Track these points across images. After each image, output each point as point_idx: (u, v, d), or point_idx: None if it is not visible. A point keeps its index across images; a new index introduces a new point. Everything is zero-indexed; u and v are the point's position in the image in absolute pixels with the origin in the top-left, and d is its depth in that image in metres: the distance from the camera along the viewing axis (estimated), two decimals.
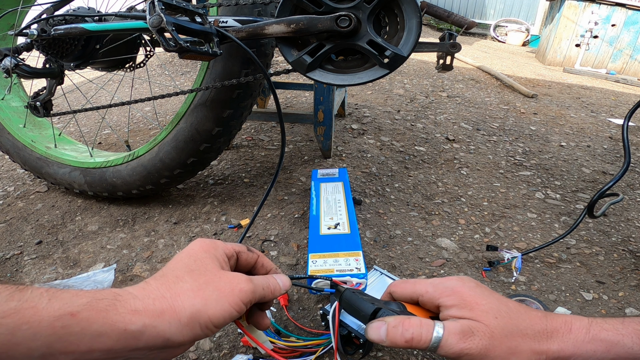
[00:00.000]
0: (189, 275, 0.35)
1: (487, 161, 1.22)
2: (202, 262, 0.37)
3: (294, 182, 1.02)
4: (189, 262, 0.37)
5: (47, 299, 0.28)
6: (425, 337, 0.34)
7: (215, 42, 0.62)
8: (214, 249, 0.39)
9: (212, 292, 0.34)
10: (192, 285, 0.34)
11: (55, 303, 0.28)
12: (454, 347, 0.33)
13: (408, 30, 0.61)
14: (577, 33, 3.60)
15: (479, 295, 0.36)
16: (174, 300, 0.32)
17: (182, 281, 0.34)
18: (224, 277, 0.36)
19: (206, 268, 0.36)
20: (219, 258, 0.38)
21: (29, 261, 0.74)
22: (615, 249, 0.81)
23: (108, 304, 0.30)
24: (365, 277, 0.58)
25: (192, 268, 0.36)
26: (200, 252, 0.38)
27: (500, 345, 0.33)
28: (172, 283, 0.34)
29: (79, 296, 0.29)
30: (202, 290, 0.34)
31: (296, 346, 0.52)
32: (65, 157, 0.92)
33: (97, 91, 1.78)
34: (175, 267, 0.36)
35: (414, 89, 2.01)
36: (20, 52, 0.74)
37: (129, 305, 0.31)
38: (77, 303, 0.29)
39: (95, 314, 0.29)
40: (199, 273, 0.35)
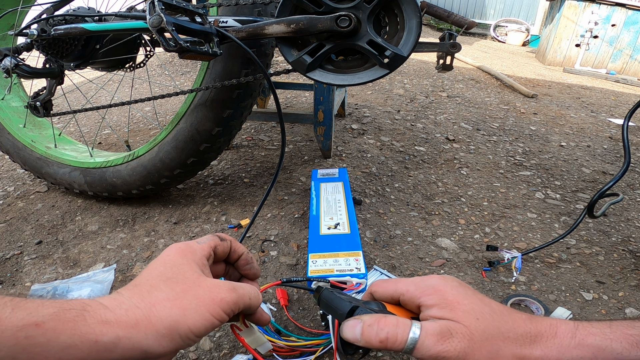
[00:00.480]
0: (165, 284, 0.33)
1: (487, 161, 1.22)
2: (179, 268, 0.35)
3: (294, 182, 1.02)
4: (164, 270, 0.35)
5: (10, 309, 0.27)
6: (401, 338, 0.32)
7: (215, 42, 0.62)
8: (192, 253, 0.37)
9: (191, 301, 0.32)
10: (169, 294, 0.32)
11: (19, 313, 0.27)
12: (431, 350, 0.31)
13: (408, 30, 0.61)
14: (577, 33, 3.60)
15: (461, 295, 0.35)
16: (149, 310, 0.31)
17: (157, 290, 0.32)
18: (203, 285, 0.34)
19: (184, 276, 0.34)
20: (197, 263, 0.36)
21: (29, 261, 0.74)
22: (615, 249, 0.81)
23: (76, 314, 0.28)
24: (365, 277, 0.58)
25: (169, 276, 0.34)
26: (177, 257, 0.36)
27: (480, 349, 0.31)
28: (146, 292, 0.32)
29: (45, 306, 0.28)
30: (180, 299, 0.32)
31: (296, 346, 0.52)
32: (65, 157, 0.92)
33: (97, 91, 1.78)
34: (150, 275, 0.34)
35: (414, 89, 2.01)
36: (20, 52, 0.74)
37: (98, 316, 0.29)
38: (42, 313, 0.27)
39: (62, 324, 0.27)
40: (175, 281, 0.33)
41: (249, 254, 0.44)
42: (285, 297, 0.63)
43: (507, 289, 0.68)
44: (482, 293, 0.67)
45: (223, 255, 0.42)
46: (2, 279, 0.70)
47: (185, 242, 0.38)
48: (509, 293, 0.67)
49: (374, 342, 0.33)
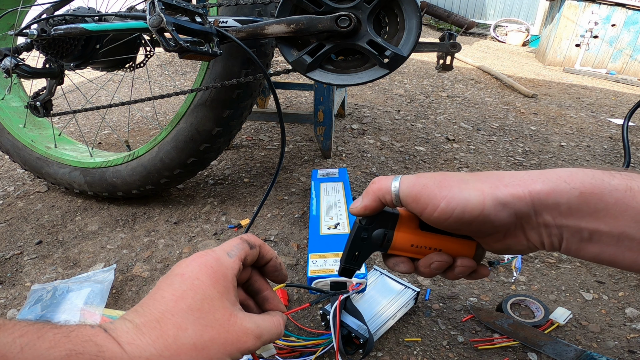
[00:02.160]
0: (193, 326, 0.30)
1: (487, 161, 1.22)
2: (210, 305, 0.31)
3: (294, 182, 1.02)
4: (193, 303, 0.31)
5: (19, 348, 0.25)
6: (386, 183, 0.36)
7: (215, 42, 0.62)
8: (224, 277, 0.33)
9: (218, 350, 0.30)
10: (197, 342, 0.30)
11: (28, 354, 0.25)
12: (413, 182, 0.34)
13: (408, 30, 0.61)
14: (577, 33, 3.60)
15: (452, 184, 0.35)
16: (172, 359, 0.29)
17: (184, 334, 0.29)
18: (232, 331, 0.31)
19: (215, 316, 0.31)
20: (229, 291, 0.33)
21: (29, 261, 0.74)
22: None
23: (89, 359, 0.27)
24: (365, 277, 0.58)
25: (198, 315, 0.30)
26: (208, 287, 0.32)
27: (453, 180, 0.33)
28: (173, 337, 0.29)
29: (57, 347, 0.26)
30: (207, 349, 0.30)
31: (296, 346, 0.52)
32: (65, 157, 0.92)
33: (97, 91, 1.78)
34: (176, 309, 0.30)
35: (414, 89, 2.01)
36: (20, 52, 0.74)
37: None
38: (53, 356, 0.26)
39: None
40: (205, 324, 0.30)
41: (278, 260, 0.42)
42: (285, 297, 0.63)
43: (507, 289, 0.68)
44: (482, 294, 0.67)
45: (251, 263, 0.39)
46: (2, 279, 0.70)
47: (214, 256, 0.34)
48: (509, 293, 0.67)
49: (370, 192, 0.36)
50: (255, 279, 0.41)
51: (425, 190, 0.34)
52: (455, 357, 0.55)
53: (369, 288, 0.61)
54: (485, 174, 0.34)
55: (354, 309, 0.53)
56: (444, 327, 0.60)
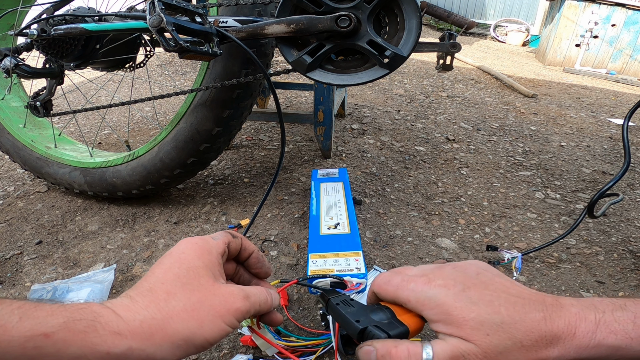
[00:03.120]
0: (182, 291, 0.32)
1: (487, 161, 1.22)
2: (195, 272, 0.34)
3: (294, 182, 1.02)
4: (179, 272, 0.33)
5: (17, 317, 0.26)
6: None
7: (215, 42, 0.62)
8: (208, 253, 0.36)
9: (208, 312, 0.32)
10: (186, 304, 0.31)
11: (27, 322, 0.26)
12: None
13: (408, 30, 0.61)
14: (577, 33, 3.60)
15: (466, 308, 0.32)
16: (165, 322, 0.30)
17: (174, 299, 0.31)
18: (218, 294, 0.33)
19: (200, 282, 0.33)
20: (213, 264, 0.35)
21: (29, 261, 0.74)
22: (615, 249, 0.81)
23: (87, 324, 0.28)
24: (365, 277, 0.58)
25: (184, 281, 0.33)
26: (193, 258, 0.34)
27: None
28: (163, 301, 0.31)
29: (55, 315, 0.27)
30: (197, 310, 0.32)
31: (296, 346, 0.52)
32: (65, 157, 0.92)
33: (97, 91, 1.78)
34: (165, 278, 0.33)
35: (414, 89, 2.01)
36: (20, 52, 0.74)
37: (110, 327, 0.28)
38: (51, 323, 0.26)
39: (72, 335, 0.27)
40: (191, 288, 0.33)
41: (259, 252, 0.44)
42: (285, 297, 0.63)
43: None
44: None
45: (235, 252, 0.41)
46: (2, 279, 0.70)
47: (200, 237, 0.37)
48: None
49: None
50: (242, 273, 0.44)
51: None
52: None
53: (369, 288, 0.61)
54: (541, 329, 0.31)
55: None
56: None
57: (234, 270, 0.43)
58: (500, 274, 0.36)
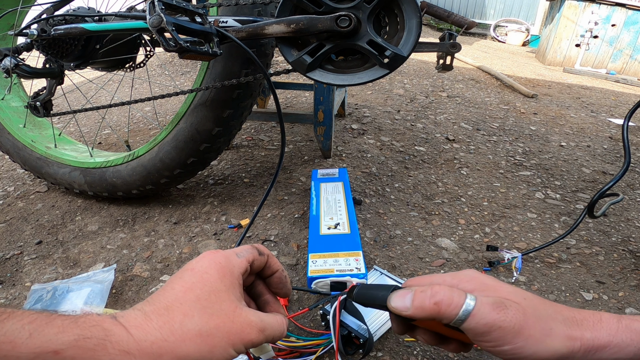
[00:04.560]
0: (200, 315, 0.31)
1: (487, 161, 1.22)
2: (216, 296, 0.32)
3: (294, 182, 1.02)
4: (201, 294, 0.32)
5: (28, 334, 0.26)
6: (457, 302, 0.31)
7: (215, 42, 0.62)
8: (230, 272, 0.34)
9: (221, 338, 0.31)
10: (202, 329, 0.31)
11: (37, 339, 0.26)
12: (487, 317, 0.30)
13: (408, 30, 0.61)
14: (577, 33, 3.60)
15: (498, 283, 0.35)
16: (177, 345, 0.30)
17: (190, 321, 0.30)
18: (237, 322, 0.32)
19: (220, 307, 0.32)
20: (235, 285, 0.34)
21: (29, 261, 0.74)
22: (615, 249, 0.81)
23: (96, 343, 0.27)
24: (365, 277, 0.58)
25: (204, 304, 0.32)
26: (216, 280, 0.33)
27: (534, 325, 0.31)
28: (179, 324, 0.30)
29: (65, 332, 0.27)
30: (212, 336, 0.31)
31: (296, 346, 0.52)
32: (65, 157, 0.92)
33: (97, 91, 1.78)
34: (185, 299, 0.32)
35: (414, 89, 2.01)
36: (20, 52, 0.74)
37: (120, 346, 0.28)
38: (61, 340, 0.26)
39: (81, 353, 0.27)
40: (211, 312, 0.31)
41: (284, 272, 0.42)
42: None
43: None
44: None
45: (257, 269, 0.40)
46: (2, 279, 0.70)
47: (224, 254, 0.35)
48: None
49: (428, 305, 0.32)
50: (257, 283, 0.42)
51: (499, 332, 0.30)
52: (455, 357, 0.55)
53: None
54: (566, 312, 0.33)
55: (354, 309, 0.53)
56: None
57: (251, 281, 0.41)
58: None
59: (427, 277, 0.39)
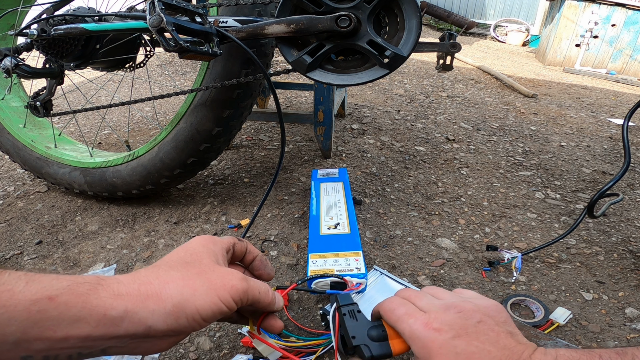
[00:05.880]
0: (182, 266, 0.35)
1: (487, 161, 1.22)
2: (197, 255, 0.37)
3: (294, 182, 1.02)
4: (184, 255, 0.37)
5: (24, 282, 0.27)
6: None
7: (215, 42, 0.62)
8: (213, 243, 0.39)
9: (203, 283, 0.34)
10: (183, 274, 0.34)
11: (33, 286, 0.27)
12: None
13: (408, 30, 0.61)
14: (577, 33, 3.60)
15: (446, 357, 0.33)
16: (161, 287, 0.32)
17: (173, 270, 0.34)
18: (217, 271, 0.36)
19: (201, 261, 0.36)
20: (216, 252, 0.38)
21: (29, 261, 0.74)
22: (615, 249, 0.81)
23: (89, 288, 0.29)
24: (365, 277, 0.58)
25: (187, 260, 0.36)
26: (198, 246, 0.38)
27: None
28: (163, 271, 0.34)
29: (59, 280, 0.28)
30: (193, 280, 0.34)
31: (296, 346, 0.52)
32: (65, 157, 0.92)
33: (97, 91, 1.78)
34: (170, 259, 0.37)
35: (414, 89, 2.01)
36: (20, 52, 0.74)
37: (111, 290, 0.30)
38: (56, 287, 0.28)
39: (74, 297, 0.28)
40: (192, 265, 0.36)
41: (263, 256, 0.46)
42: (285, 297, 0.63)
43: (507, 289, 0.68)
44: (482, 294, 0.67)
45: (240, 254, 0.44)
46: None
47: (210, 235, 0.41)
48: (509, 293, 0.67)
49: None
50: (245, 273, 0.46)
51: None
52: None
53: (369, 288, 0.61)
54: None
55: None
56: None
57: None
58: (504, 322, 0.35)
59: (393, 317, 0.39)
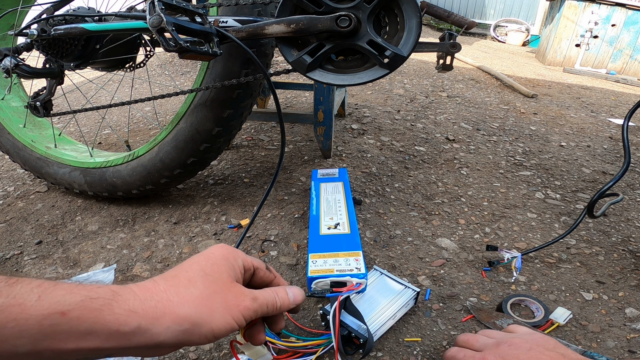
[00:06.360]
0: (202, 280, 0.34)
1: (487, 161, 1.22)
2: (217, 267, 0.36)
3: (294, 182, 1.02)
4: (205, 265, 0.36)
5: (36, 296, 0.27)
6: None
7: (215, 42, 0.62)
8: (234, 258, 0.38)
9: (220, 303, 0.34)
10: (202, 292, 0.34)
11: (45, 301, 0.27)
12: None
13: (408, 30, 0.61)
14: (577, 33, 3.60)
15: None
16: (180, 305, 0.32)
17: (193, 286, 0.34)
18: (233, 290, 0.36)
19: (220, 276, 0.36)
20: (235, 268, 0.38)
21: (29, 261, 0.74)
22: (615, 249, 0.81)
23: (103, 303, 0.29)
24: (365, 277, 0.58)
25: (207, 272, 0.35)
26: (220, 257, 0.37)
27: None
28: (183, 287, 0.33)
29: (73, 293, 0.28)
30: (211, 300, 0.33)
31: (296, 346, 0.52)
32: (65, 157, 0.92)
33: (97, 91, 1.78)
34: (190, 268, 0.36)
35: (414, 89, 2.01)
36: (20, 52, 0.74)
37: (126, 305, 0.30)
38: (69, 301, 0.28)
39: (87, 312, 0.28)
40: (211, 280, 0.35)
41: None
42: None
43: (507, 289, 0.68)
44: (482, 294, 0.67)
45: (261, 282, 0.42)
46: None
47: (233, 247, 0.40)
48: (509, 293, 0.67)
49: None
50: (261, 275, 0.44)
51: None
52: None
53: (369, 288, 0.61)
54: None
55: (354, 309, 0.53)
56: (444, 327, 0.60)
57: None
58: (554, 347, 0.41)
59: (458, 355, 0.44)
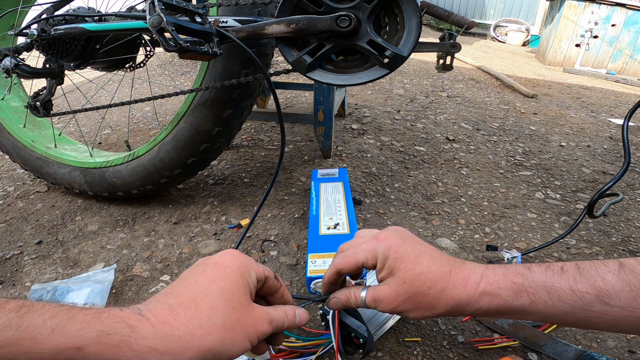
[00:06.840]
0: (224, 308, 0.33)
1: (487, 161, 1.22)
2: (237, 290, 0.35)
3: (294, 182, 1.02)
4: (224, 285, 0.34)
5: (49, 329, 0.26)
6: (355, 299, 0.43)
7: (215, 42, 0.62)
8: (248, 272, 0.37)
9: (241, 331, 0.33)
10: (225, 321, 0.32)
11: (59, 335, 0.26)
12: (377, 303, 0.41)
13: (408, 30, 0.61)
14: (577, 33, 3.60)
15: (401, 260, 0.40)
16: (204, 338, 0.31)
17: (215, 315, 0.32)
18: (252, 315, 0.35)
19: (240, 301, 0.34)
20: (250, 284, 0.37)
21: (29, 261, 0.74)
22: (615, 249, 0.81)
23: (121, 339, 0.28)
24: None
25: (227, 297, 0.34)
26: (236, 274, 0.35)
27: (405, 303, 0.40)
28: (206, 317, 0.32)
29: (88, 328, 0.27)
30: (234, 329, 0.33)
31: (296, 346, 0.52)
32: (65, 157, 0.92)
33: (97, 91, 1.78)
34: (209, 291, 0.33)
35: (414, 89, 2.01)
36: (20, 52, 0.74)
37: (146, 342, 0.28)
38: (84, 336, 0.27)
39: (105, 348, 0.27)
40: (233, 306, 0.34)
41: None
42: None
43: None
44: None
45: (268, 291, 0.41)
46: (2, 279, 0.70)
47: (245, 255, 0.38)
48: None
49: (341, 305, 0.45)
50: None
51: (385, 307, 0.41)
52: (455, 357, 0.55)
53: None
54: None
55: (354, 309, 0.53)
56: (444, 327, 0.60)
57: None
58: None
59: (352, 259, 0.44)
